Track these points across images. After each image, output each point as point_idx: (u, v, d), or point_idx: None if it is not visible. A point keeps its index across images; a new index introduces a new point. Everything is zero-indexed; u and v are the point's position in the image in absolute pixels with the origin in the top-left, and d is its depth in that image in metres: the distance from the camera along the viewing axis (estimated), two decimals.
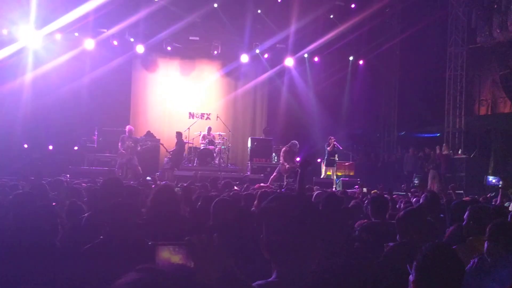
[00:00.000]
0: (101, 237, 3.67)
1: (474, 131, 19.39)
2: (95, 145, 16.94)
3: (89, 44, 17.55)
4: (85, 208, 5.48)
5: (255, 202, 6.38)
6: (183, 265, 1.67)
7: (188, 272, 1.60)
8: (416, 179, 16.50)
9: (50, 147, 15.49)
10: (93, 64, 17.83)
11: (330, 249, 3.38)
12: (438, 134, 20.53)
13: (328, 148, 16.64)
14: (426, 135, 21.21)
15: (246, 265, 2.58)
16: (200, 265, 1.64)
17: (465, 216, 4.20)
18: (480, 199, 8.14)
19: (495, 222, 3.76)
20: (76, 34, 17.55)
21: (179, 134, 16.51)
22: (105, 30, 17.72)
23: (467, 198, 8.40)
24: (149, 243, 1.75)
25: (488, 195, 9.66)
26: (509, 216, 4.89)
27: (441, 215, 5.72)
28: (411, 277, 2.57)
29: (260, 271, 2.11)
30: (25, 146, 16.38)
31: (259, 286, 1.92)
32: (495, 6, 17.21)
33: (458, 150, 18.80)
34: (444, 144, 18.21)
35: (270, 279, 1.96)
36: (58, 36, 17.29)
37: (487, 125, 18.76)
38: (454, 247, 3.88)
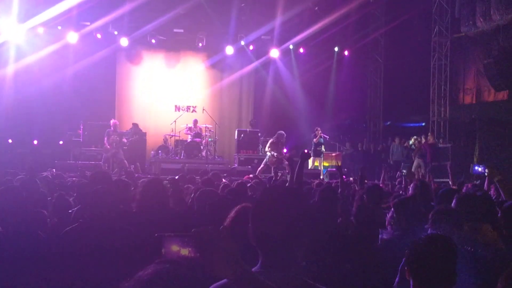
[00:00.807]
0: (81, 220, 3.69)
1: (459, 120, 19.55)
2: (81, 139, 16.83)
3: (72, 37, 17.38)
4: (73, 202, 5.47)
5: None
6: (196, 258, 1.68)
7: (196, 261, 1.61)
8: (404, 168, 16.60)
9: (35, 142, 15.33)
10: (77, 57, 17.67)
11: (319, 243, 3.40)
12: (423, 124, 20.66)
13: (314, 140, 16.68)
14: (411, 124, 21.34)
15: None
16: (207, 257, 1.63)
17: (452, 204, 4.22)
18: (469, 185, 8.19)
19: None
20: (59, 27, 17.36)
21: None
22: (88, 23, 17.54)
23: (455, 186, 8.45)
24: (156, 234, 1.75)
25: (475, 182, 9.75)
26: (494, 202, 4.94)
27: (432, 204, 5.75)
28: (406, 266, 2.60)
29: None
30: (10, 141, 16.19)
31: None
32: None
33: (442, 139, 18.97)
34: (429, 133, 18.32)
35: (253, 268, 1.95)
36: (40, 30, 17.10)
37: (471, 114, 18.92)
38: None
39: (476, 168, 15.25)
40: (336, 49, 20.96)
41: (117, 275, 1.85)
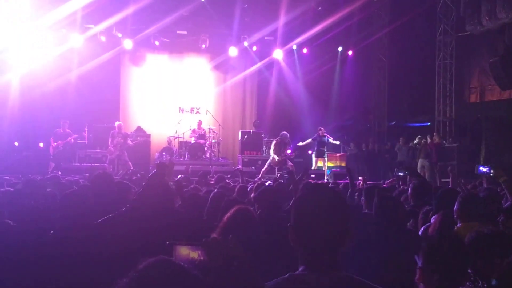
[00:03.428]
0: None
1: (464, 119, 19.46)
2: (86, 142, 16.88)
3: (77, 40, 17.43)
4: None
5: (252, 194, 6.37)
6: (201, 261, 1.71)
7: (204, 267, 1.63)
8: (400, 171, 16.36)
9: (41, 144, 15.38)
10: (81, 60, 17.75)
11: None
12: (428, 123, 20.57)
13: (311, 139, 16.64)
14: (416, 124, 21.25)
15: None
16: (216, 265, 1.65)
17: (455, 205, 4.21)
18: (469, 186, 8.15)
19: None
20: (64, 30, 17.41)
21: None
22: (92, 26, 17.60)
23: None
24: (167, 242, 1.78)
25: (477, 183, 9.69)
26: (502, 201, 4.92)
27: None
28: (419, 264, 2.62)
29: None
30: (16, 143, 16.26)
31: (289, 278, 1.91)
32: None
33: (449, 139, 18.88)
34: (434, 133, 18.25)
35: (298, 272, 1.93)
36: (45, 33, 17.15)
37: (477, 113, 18.83)
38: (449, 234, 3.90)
39: (481, 168, 15.20)
40: (339, 49, 20.93)
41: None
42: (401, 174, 13.90)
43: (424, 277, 2.60)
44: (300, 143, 16.90)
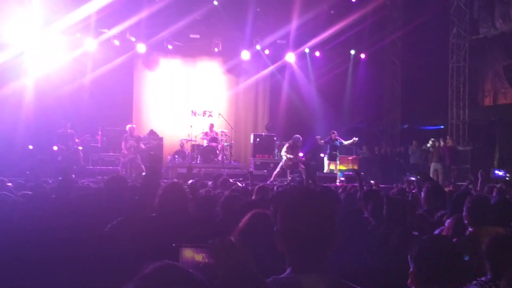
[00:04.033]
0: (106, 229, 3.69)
1: (478, 122, 19.33)
2: (99, 145, 16.99)
3: (91, 44, 17.57)
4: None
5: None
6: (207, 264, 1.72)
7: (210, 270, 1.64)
8: (412, 176, 16.21)
9: (55, 148, 15.50)
10: (95, 64, 17.87)
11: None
12: (442, 126, 20.46)
13: (322, 141, 16.59)
14: (430, 127, 21.14)
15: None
16: (222, 268, 1.66)
17: (464, 207, 4.20)
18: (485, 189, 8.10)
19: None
20: (78, 35, 17.56)
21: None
22: (106, 30, 17.72)
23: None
24: (173, 245, 1.79)
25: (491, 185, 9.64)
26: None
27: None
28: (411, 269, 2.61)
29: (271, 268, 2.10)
30: (30, 147, 16.40)
31: (274, 281, 1.91)
32: None
33: (462, 142, 18.77)
34: (448, 136, 18.15)
35: (284, 275, 1.95)
36: (60, 38, 17.30)
37: (491, 116, 18.70)
38: (454, 239, 3.89)
39: (497, 172, 15.09)
40: (352, 52, 20.87)
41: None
42: (413, 178, 13.87)
43: (415, 282, 2.59)
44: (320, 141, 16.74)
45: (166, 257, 1.63)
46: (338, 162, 16.92)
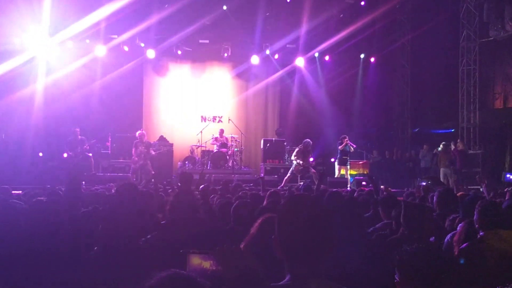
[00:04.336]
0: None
1: (489, 125, 19.20)
2: (109, 152, 17.02)
3: (100, 50, 17.64)
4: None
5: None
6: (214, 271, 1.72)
7: (217, 277, 1.63)
8: (423, 180, 16.17)
9: (65, 155, 15.54)
10: (105, 70, 17.93)
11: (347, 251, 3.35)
12: (452, 130, 20.35)
13: (339, 147, 16.54)
14: (440, 131, 21.03)
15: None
16: (229, 274, 1.65)
17: (475, 211, 4.18)
18: (491, 194, 8.01)
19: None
20: (88, 41, 17.65)
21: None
22: (115, 36, 17.78)
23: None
24: (181, 251, 1.79)
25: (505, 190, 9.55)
26: None
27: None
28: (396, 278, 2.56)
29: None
30: (40, 154, 16.45)
31: None
32: None
33: (473, 145, 18.64)
34: (459, 140, 18.04)
35: (283, 282, 1.94)
36: (69, 44, 17.40)
37: (502, 119, 18.58)
38: (465, 243, 3.85)
39: (508, 176, 14.99)
40: (362, 56, 20.83)
41: None
42: (423, 183, 13.82)
43: None
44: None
45: (174, 264, 1.62)
46: (348, 166, 16.84)
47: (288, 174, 15.22)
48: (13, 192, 8.60)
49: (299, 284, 1.87)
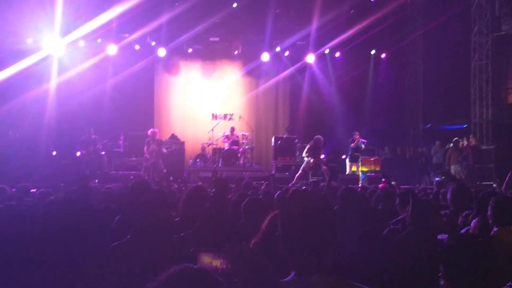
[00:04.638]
0: (128, 236, 3.69)
1: (502, 121, 19.03)
2: (121, 150, 17.12)
3: (112, 49, 17.73)
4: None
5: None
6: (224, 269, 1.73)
7: (228, 274, 1.65)
8: (437, 176, 16.08)
9: (78, 154, 15.66)
10: (116, 69, 18.06)
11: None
12: (465, 126, 20.21)
13: (352, 145, 16.49)
14: (452, 127, 20.88)
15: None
16: (239, 272, 1.67)
17: (489, 207, 4.16)
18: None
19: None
20: (99, 40, 17.75)
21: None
22: (127, 35, 17.88)
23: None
24: (191, 250, 1.81)
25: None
26: None
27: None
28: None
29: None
30: (54, 153, 16.58)
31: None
32: None
33: (486, 141, 18.51)
34: (471, 135, 17.92)
35: (288, 278, 1.96)
36: (81, 43, 17.52)
37: None
38: (480, 239, 3.83)
39: None
40: (372, 52, 20.74)
41: None
42: (437, 179, 13.75)
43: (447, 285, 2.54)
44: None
45: (186, 261, 1.64)
46: (360, 163, 16.79)
47: (300, 171, 15.19)
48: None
49: (303, 280, 1.89)
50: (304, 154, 15.19)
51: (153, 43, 18.36)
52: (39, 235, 3.88)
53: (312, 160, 14.88)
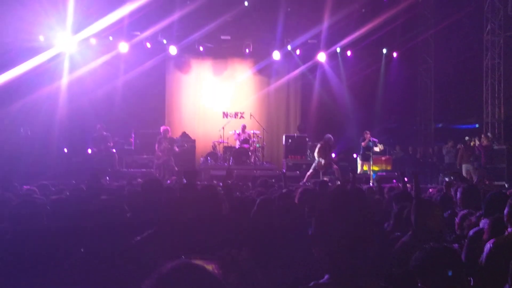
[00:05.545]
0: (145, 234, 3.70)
1: None
2: (133, 147, 17.18)
3: (123, 47, 17.80)
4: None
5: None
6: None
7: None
8: (447, 176, 15.93)
9: (89, 151, 15.73)
10: (127, 67, 18.13)
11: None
12: (476, 125, 20.08)
13: (363, 144, 16.45)
14: (464, 126, 20.76)
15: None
16: (230, 279, 1.68)
17: (506, 206, 4.08)
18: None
19: None
20: (111, 38, 17.82)
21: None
22: (138, 33, 17.92)
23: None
24: (182, 256, 1.81)
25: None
26: None
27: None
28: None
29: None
30: (65, 150, 16.67)
31: (314, 286, 1.90)
32: None
33: (498, 140, 18.37)
34: (483, 135, 17.79)
35: (322, 280, 1.93)
36: (93, 41, 17.61)
37: None
38: (493, 239, 3.78)
39: None
40: (384, 51, 20.65)
41: None
42: (447, 179, 13.66)
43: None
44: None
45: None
46: (371, 162, 16.74)
47: (311, 170, 15.16)
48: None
49: (338, 283, 1.87)
50: (315, 155, 15.15)
51: (165, 41, 18.40)
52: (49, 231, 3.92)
53: (322, 162, 14.86)
